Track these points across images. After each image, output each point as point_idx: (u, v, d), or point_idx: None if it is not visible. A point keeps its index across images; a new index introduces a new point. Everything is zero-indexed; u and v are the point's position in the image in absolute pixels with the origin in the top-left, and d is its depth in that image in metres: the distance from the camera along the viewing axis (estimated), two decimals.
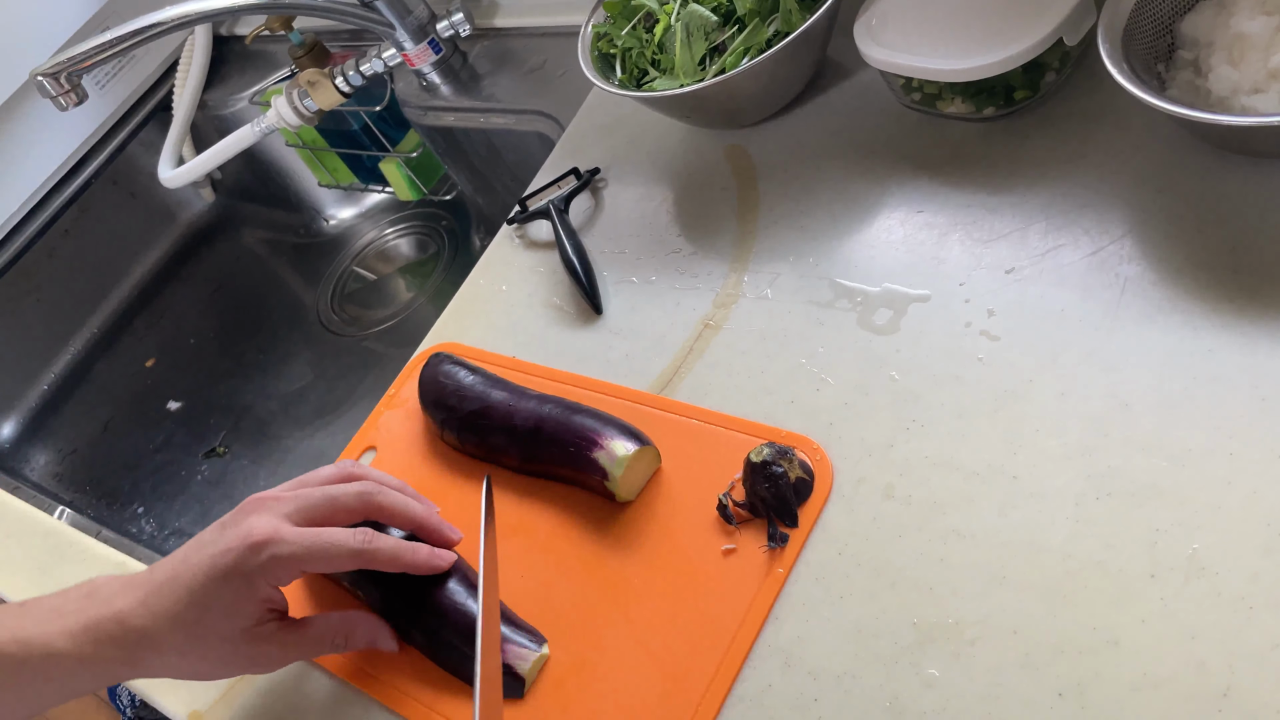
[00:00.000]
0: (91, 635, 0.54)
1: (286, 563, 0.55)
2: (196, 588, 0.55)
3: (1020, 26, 0.63)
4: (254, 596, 0.55)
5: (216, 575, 0.54)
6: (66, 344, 1.32)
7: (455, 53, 1.06)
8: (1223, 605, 0.46)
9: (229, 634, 0.55)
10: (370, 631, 0.60)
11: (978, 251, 0.63)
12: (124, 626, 0.54)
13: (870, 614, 0.52)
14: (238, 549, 0.55)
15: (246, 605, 0.55)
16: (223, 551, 0.55)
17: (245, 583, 0.54)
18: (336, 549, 0.56)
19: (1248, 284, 0.54)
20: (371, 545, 0.57)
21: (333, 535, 0.56)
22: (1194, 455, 0.50)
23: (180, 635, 0.54)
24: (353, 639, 0.59)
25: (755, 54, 0.71)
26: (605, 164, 0.84)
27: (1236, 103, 0.56)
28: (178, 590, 0.55)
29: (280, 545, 0.55)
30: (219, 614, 0.55)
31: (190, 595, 0.55)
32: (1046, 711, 0.46)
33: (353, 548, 0.56)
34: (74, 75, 0.92)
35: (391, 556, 0.57)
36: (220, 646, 0.55)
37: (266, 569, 0.54)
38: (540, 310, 0.77)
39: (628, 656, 0.56)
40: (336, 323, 1.23)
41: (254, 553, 0.54)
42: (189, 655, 0.55)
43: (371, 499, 0.59)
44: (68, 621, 0.55)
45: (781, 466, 0.56)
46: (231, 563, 0.54)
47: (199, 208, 1.42)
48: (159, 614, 0.55)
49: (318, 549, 0.55)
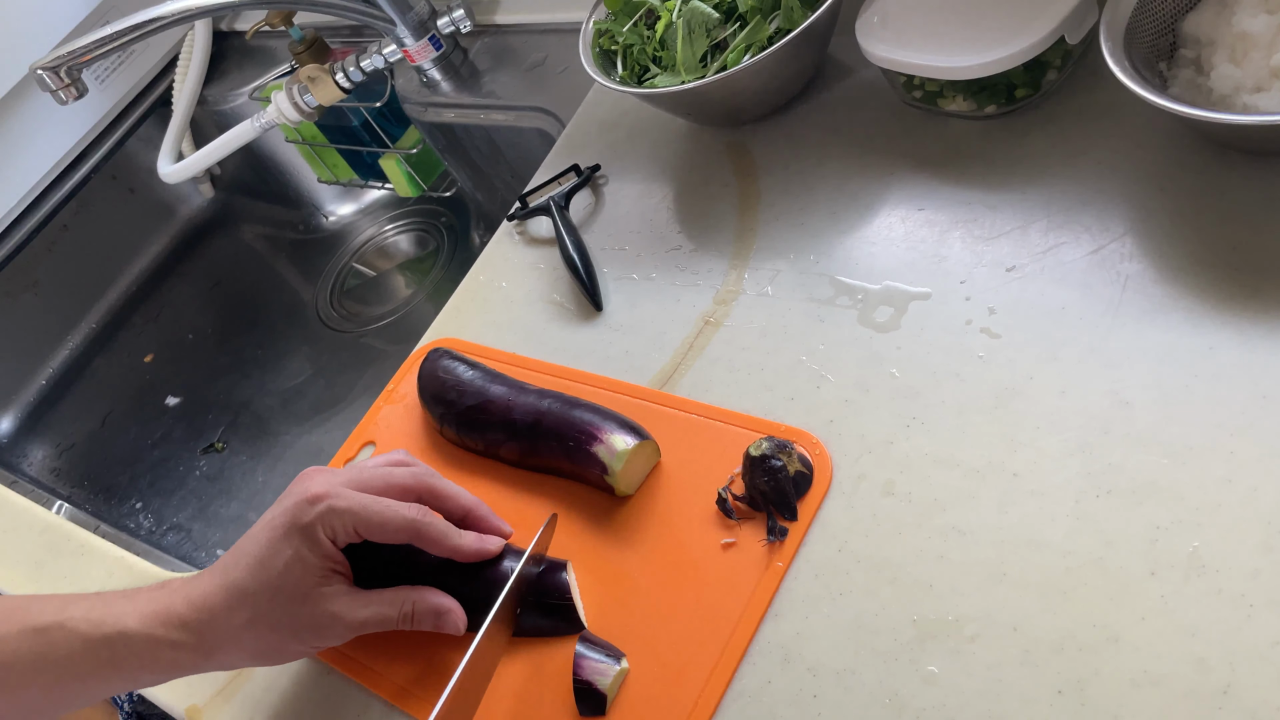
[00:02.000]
0: (162, 619, 0.55)
1: (343, 515, 0.55)
2: (259, 550, 0.55)
3: (1022, 24, 0.63)
4: (316, 549, 0.55)
5: (278, 533, 0.55)
6: (65, 339, 1.31)
7: (456, 49, 1.06)
8: (1223, 603, 0.46)
9: (295, 593, 0.55)
10: (435, 605, 0.58)
11: (978, 249, 0.63)
12: (193, 606, 0.55)
13: (870, 610, 0.52)
14: (295, 504, 0.56)
15: (309, 558, 0.55)
16: (282, 511, 0.56)
17: (305, 534, 0.55)
18: (392, 513, 0.56)
19: (1249, 282, 0.54)
20: (425, 518, 0.57)
21: (388, 500, 0.57)
22: (1194, 453, 0.50)
23: (250, 605, 0.55)
24: (420, 609, 0.58)
25: (757, 51, 0.71)
26: (606, 161, 0.83)
27: (1238, 101, 0.56)
28: (242, 559, 0.56)
29: (337, 499, 0.55)
30: (283, 571, 0.55)
31: (254, 559, 0.55)
32: (1046, 708, 0.46)
33: (407, 516, 0.57)
34: (74, 69, 0.92)
35: (441, 534, 0.58)
36: (289, 609, 0.55)
37: (324, 518, 0.55)
38: (540, 306, 0.77)
39: (627, 650, 0.56)
40: (335, 319, 1.23)
41: (311, 504, 0.55)
42: (260, 625, 0.55)
43: (425, 480, 0.60)
44: (140, 605, 0.55)
45: (781, 460, 0.56)
46: (290, 518, 0.55)
47: (198, 203, 1.42)
48: (227, 589, 0.55)
49: (374, 509, 0.56)
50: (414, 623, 0.58)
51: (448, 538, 0.58)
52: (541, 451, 0.64)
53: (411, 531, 0.57)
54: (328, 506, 0.55)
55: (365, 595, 0.57)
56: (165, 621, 0.55)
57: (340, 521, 0.55)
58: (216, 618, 0.55)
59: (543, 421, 0.63)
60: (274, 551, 0.55)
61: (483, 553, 0.59)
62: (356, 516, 0.55)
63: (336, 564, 0.57)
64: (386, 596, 0.58)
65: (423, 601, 0.58)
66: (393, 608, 0.57)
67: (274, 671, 0.64)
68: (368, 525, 0.56)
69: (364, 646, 0.62)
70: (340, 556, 0.57)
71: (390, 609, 0.57)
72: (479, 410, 0.67)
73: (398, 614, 0.57)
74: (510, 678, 0.58)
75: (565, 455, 0.62)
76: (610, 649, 0.56)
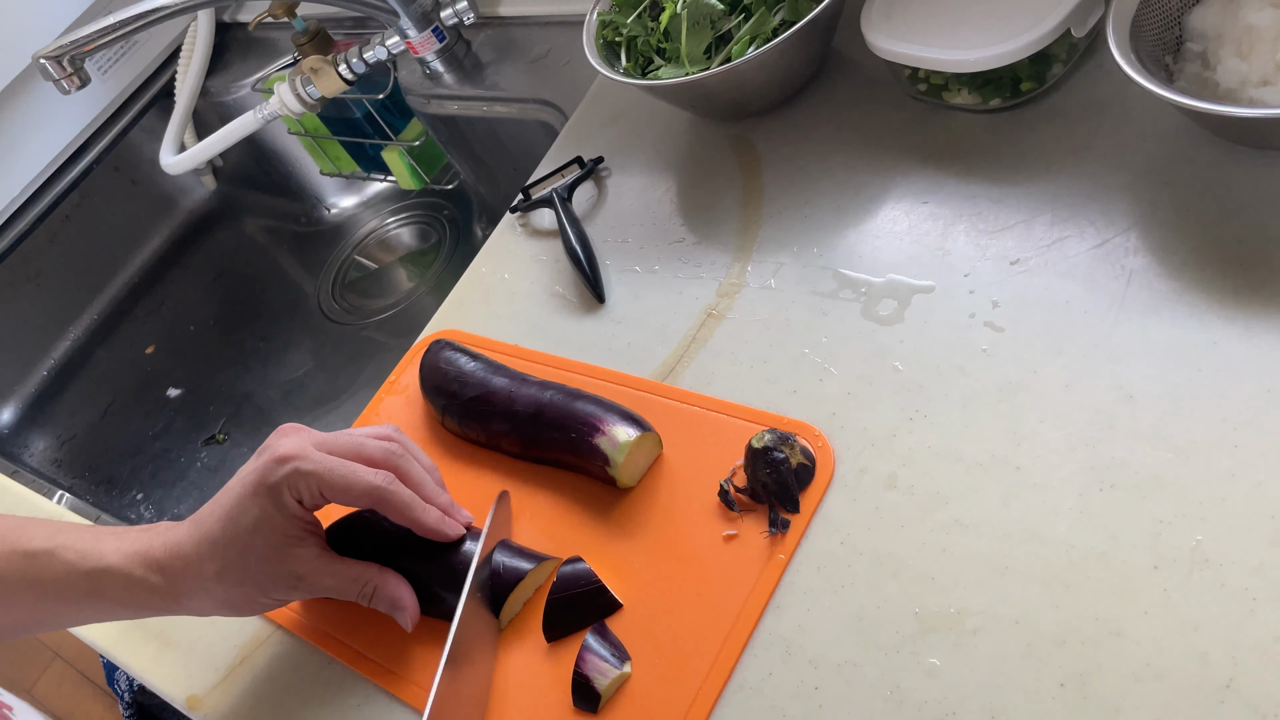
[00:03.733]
0: (141, 559, 0.58)
1: (308, 478, 0.56)
2: (230, 507, 0.57)
3: (1027, 18, 0.62)
4: (282, 509, 0.56)
5: (246, 491, 0.57)
6: (67, 330, 1.31)
7: (459, 41, 1.05)
8: (1226, 597, 0.46)
9: (263, 550, 0.57)
10: (396, 593, 0.59)
11: (983, 243, 0.62)
12: (170, 552, 0.57)
13: (872, 603, 0.52)
14: (263, 465, 0.57)
15: (275, 517, 0.56)
16: (251, 470, 0.58)
17: (271, 494, 0.56)
18: (356, 478, 0.57)
19: (1254, 277, 0.54)
20: (390, 486, 0.58)
21: (355, 465, 0.58)
22: (1198, 447, 0.50)
23: (219, 556, 0.57)
24: (380, 593, 0.59)
25: (761, 43, 0.70)
26: (609, 153, 0.83)
27: (1245, 95, 0.56)
28: (214, 515, 0.58)
29: (303, 461, 0.56)
30: (251, 529, 0.56)
31: (225, 512, 0.57)
32: (1048, 702, 0.46)
33: (372, 482, 0.57)
34: (77, 59, 0.92)
35: (405, 504, 0.58)
36: (257, 565, 0.57)
37: (290, 480, 0.56)
38: (543, 299, 0.76)
39: (628, 642, 0.56)
40: (337, 311, 1.23)
41: (279, 464, 0.56)
42: (228, 577, 0.57)
43: (394, 458, 0.60)
44: (125, 544, 0.58)
45: (783, 452, 0.56)
46: (257, 478, 0.57)
47: (200, 195, 1.42)
48: (200, 538, 0.57)
49: (338, 472, 0.57)
50: (370, 603, 0.60)
51: (411, 508, 0.59)
52: (543, 443, 0.64)
53: (375, 497, 0.57)
54: (293, 468, 0.56)
55: (333, 563, 0.59)
56: (144, 563, 0.57)
57: (305, 483, 0.56)
58: (189, 566, 0.57)
59: (544, 413, 0.63)
60: (243, 509, 0.57)
61: (441, 532, 0.59)
62: (321, 479, 0.56)
63: (307, 524, 0.58)
64: (354, 571, 0.59)
65: (384, 587, 0.59)
66: (355, 584, 0.59)
67: (274, 662, 0.64)
68: (331, 488, 0.57)
69: (365, 637, 0.62)
70: (310, 516, 0.59)
71: (352, 585, 0.59)
72: (481, 401, 0.67)
73: (358, 591, 0.59)
74: (527, 657, 0.58)
75: (567, 447, 0.62)
76: (619, 649, 0.55)
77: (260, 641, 0.66)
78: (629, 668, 0.55)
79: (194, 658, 0.67)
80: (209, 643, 0.67)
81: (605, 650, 0.55)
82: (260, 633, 0.66)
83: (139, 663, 0.69)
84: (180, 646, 0.68)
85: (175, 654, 0.68)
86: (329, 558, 0.59)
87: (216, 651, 0.67)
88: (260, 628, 0.67)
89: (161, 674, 0.68)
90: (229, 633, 0.67)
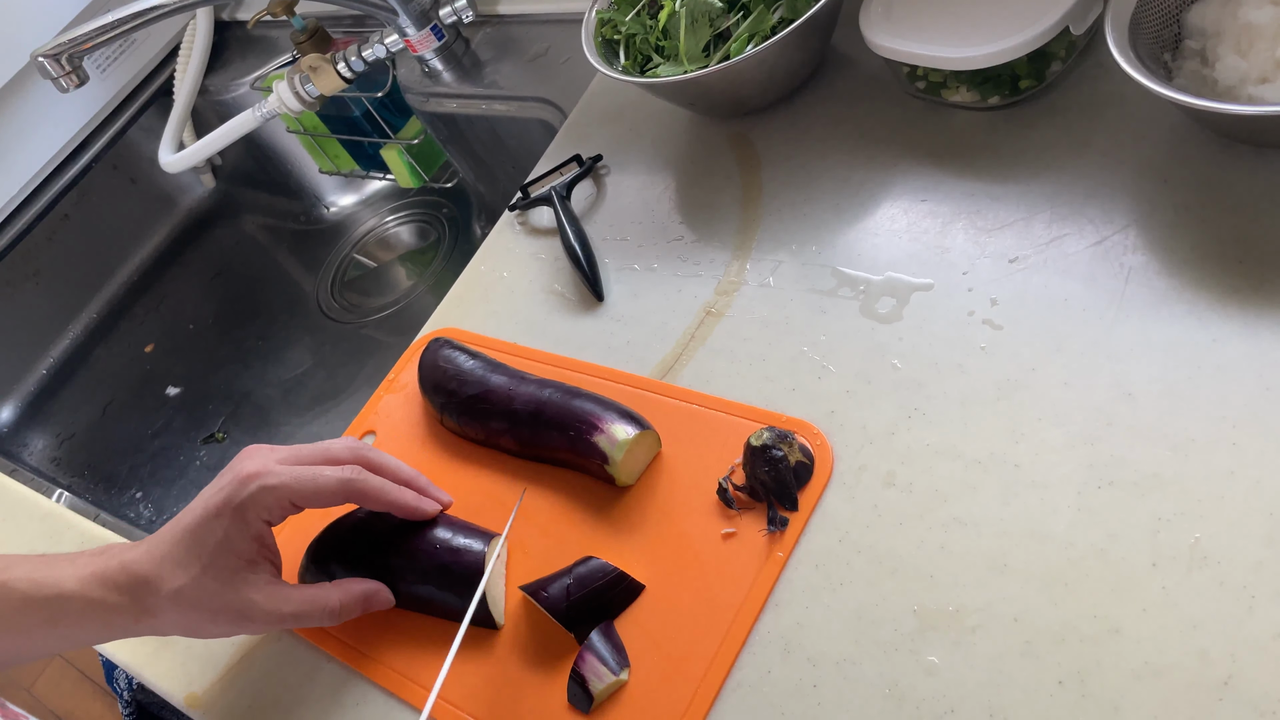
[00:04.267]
0: (99, 580, 0.56)
1: (275, 491, 0.56)
2: (194, 525, 0.57)
3: (1026, 15, 0.62)
4: (245, 531, 0.57)
5: (211, 511, 0.57)
6: (66, 328, 1.31)
7: (458, 39, 1.05)
8: (1225, 595, 0.46)
9: (220, 573, 0.56)
10: (364, 592, 0.60)
11: (981, 240, 0.62)
12: (129, 573, 0.56)
13: (870, 601, 0.52)
14: (229, 485, 0.57)
15: (237, 540, 0.56)
16: (216, 490, 0.57)
17: (236, 515, 0.56)
18: (324, 478, 0.58)
19: (1253, 274, 0.54)
20: (359, 476, 0.58)
21: (320, 468, 0.58)
22: (1197, 445, 0.50)
23: (179, 575, 0.56)
24: (346, 603, 0.59)
25: (760, 41, 0.70)
26: (608, 151, 0.83)
27: (1244, 92, 0.56)
28: (176, 533, 0.57)
29: (268, 477, 0.57)
30: (214, 550, 0.56)
31: (187, 533, 0.57)
32: (1047, 699, 0.46)
33: (341, 477, 0.58)
34: (75, 57, 0.92)
35: (378, 489, 0.59)
36: (212, 588, 0.56)
37: (256, 499, 0.56)
38: (541, 297, 0.76)
39: (627, 639, 0.56)
40: (336, 310, 1.23)
41: (243, 485, 0.57)
42: (184, 598, 0.56)
43: (361, 451, 0.61)
44: (79, 568, 0.57)
45: (781, 450, 0.56)
46: (224, 497, 0.57)
47: (199, 193, 1.42)
48: (160, 558, 0.57)
49: (305, 477, 0.57)
50: (347, 615, 0.59)
51: (385, 492, 0.59)
52: (542, 441, 0.64)
53: (347, 490, 0.58)
54: (259, 485, 0.56)
55: (288, 590, 0.58)
56: (102, 584, 0.56)
57: (273, 497, 0.56)
58: (148, 585, 0.56)
59: (543, 411, 0.63)
60: (206, 530, 0.56)
61: (419, 510, 0.60)
62: (290, 489, 0.57)
63: (265, 549, 0.58)
64: (309, 594, 0.59)
65: (347, 594, 0.59)
66: (315, 605, 0.58)
67: (273, 660, 0.64)
68: (301, 495, 0.57)
69: (362, 635, 0.62)
70: (271, 541, 0.59)
71: (312, 606, 0.58)
72: (480, 400, 0.67)
73: (325, 612, 0.59)
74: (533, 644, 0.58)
75: (566, 445, 0.62)
76: (620, 654, 0.55)
77: (259, 640, 0.66)
78: (626, 675, 0.54)
79: (193, 656, 0.67)
80: (208, 641, 0.67)
81: (607, 652, 0.55)
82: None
83: (138, 661, 0.69)
84: (179, 645, 0.68)
85: (174, 652, 0.68)
86: (283, 585, 0.59)
87: (215, 650, 0.67)
88: None
89: (161, 672, 0.67)
90: None
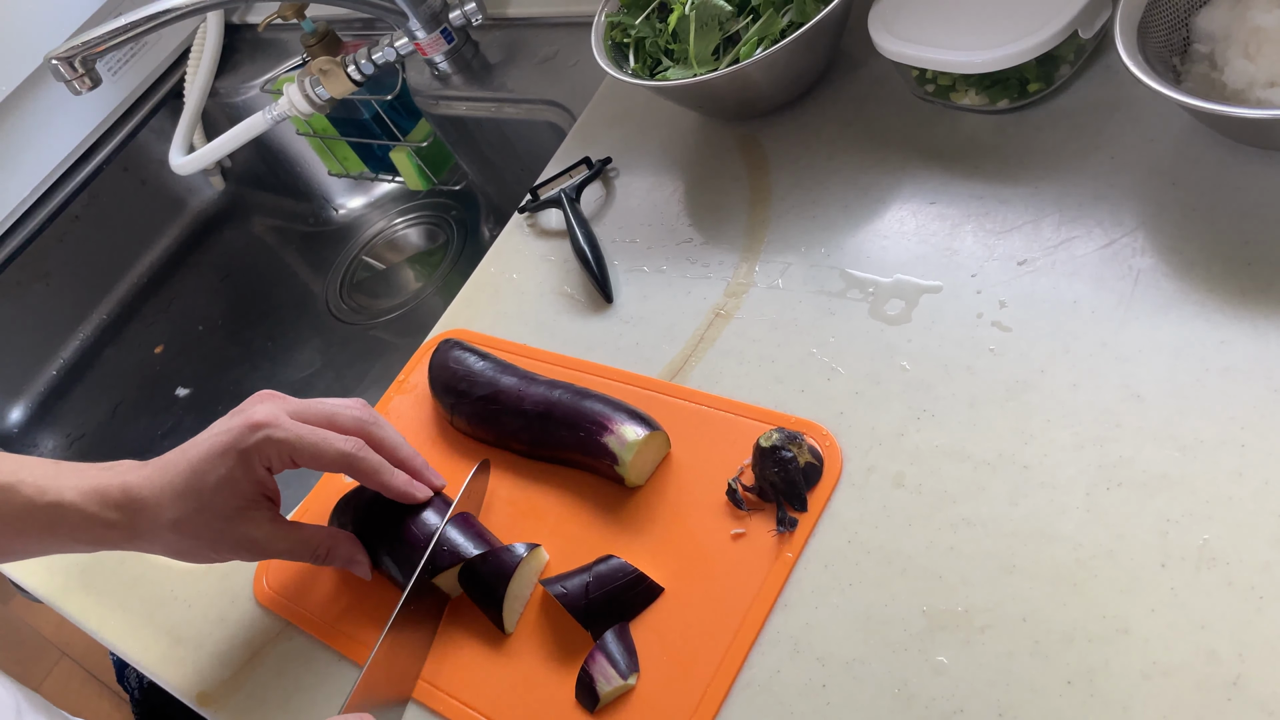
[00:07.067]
0: (98, 496, 0.59)
1: (279, 445, 0.58)
2: (197, 461, 0.59)
3: (1035, 19, 0.63)
4: (249, 474, 0.58)
5: (216, 450, 0.58)
6: (76, 329, 1.32)
7: (467, 42, 1.06)
8: (1233, 595, 0.46)
9: (222, 509, 0.58)
10: (350, 552, 0.63)
11: (990, 243, 0.63)
12: (128, 493, 0.59)
13: (880, 601, 0.52)
14: (238, 428, 0.58)
15: (240, 481, 0.58)
16: (224, 430, 0.59)
17: (240, 458, 0.58)
18: (327, 445, 0.59)
19: (1261, 276, 0.54)
20: (360, 452, 0.60)
21: (325, 432, 0.60)
22: (1206, 446, 0.50)
23: (178, 506, 0.58)
24: (334, 553, 0.62)
25: (769, 44, 0.71)
26: (617, 154, 0.84)
27: (1252, 96, 0.56)
28: (180, 464, 0.59)
29: (276, 429, 0.58)
30: (214, 487, 0.58)
31: (190, 467, 0.59)
32: (1056, 699, 0.46)
33: (342, 449, 0.59)
34: (88, 59, 0.93)
35: (374, 468, 0.60)
36: (213, 523, 0.59)
37: (260, 447, 0.58)
38: (551, 298, 0.77)
39: (637, 639, 0.56)
40: (345, 311, 1.23)
41: (251, 431, 0.58)
42: (183, 528, 0.58)
43: (366, 425, 0.62)
44: (84, 480, 0.59)
45: (791, 451, 0.56)
46: (230, 439, 0.58)
47: (209, 195, 1.42)
48: (161, 486, 0.59)
49: (309, 439, 0.59)
50: (325, 563, 0.63)
51: (379, 473, 0.61)
52: (552, 442, 0.64)
53: (345, 463, 0.59)
54: (265, 435, 0.58)
55: (286, 527, 0.61)
56: (101, 500, 0.59)
57: (276, 450, 0.58)
58: (146, 509, 0.58)
59: (553, 412, 0.64)
60: (210, 466, 0.58)
61: (409, 494, 0.62)
62: (293, 446, 0.58)
63: (267, 490, 0.60)
64: (305, 534, 0.61)
65: (338, 548, 0.62)
66: (306, 547, 0.62)
67: (285, 659, 0.65)
68: (302, 454, 0.58)
69: (375, 633, 0.62)
70: (272, 484, 0.60)
71: (303, 547, 0.61)
72: (490, 400, 0.67)
73: (310, 553, 0.62)
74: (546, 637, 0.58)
75: (576, 445, 0.62)
76: (631, 657, 0.55)
77: (271, 638, 0.66)
78: (634, 680, 0.55)
79: (205, 655, 0.67)
80: (220, 640, 0.68)
81: (618, 654, 0.55)
82: (271, 630, 0.67)
83: (150, 659, 0.69)
84: (191, 643, 0.68)
85: (186, 651, 0.68)
86: (281, 523, 0.61)
87: (227, 649, 0.67)
88: (271, 625, 0.67)
89: (172, 671, 0.68)
90: (240, 630, 0.68)
